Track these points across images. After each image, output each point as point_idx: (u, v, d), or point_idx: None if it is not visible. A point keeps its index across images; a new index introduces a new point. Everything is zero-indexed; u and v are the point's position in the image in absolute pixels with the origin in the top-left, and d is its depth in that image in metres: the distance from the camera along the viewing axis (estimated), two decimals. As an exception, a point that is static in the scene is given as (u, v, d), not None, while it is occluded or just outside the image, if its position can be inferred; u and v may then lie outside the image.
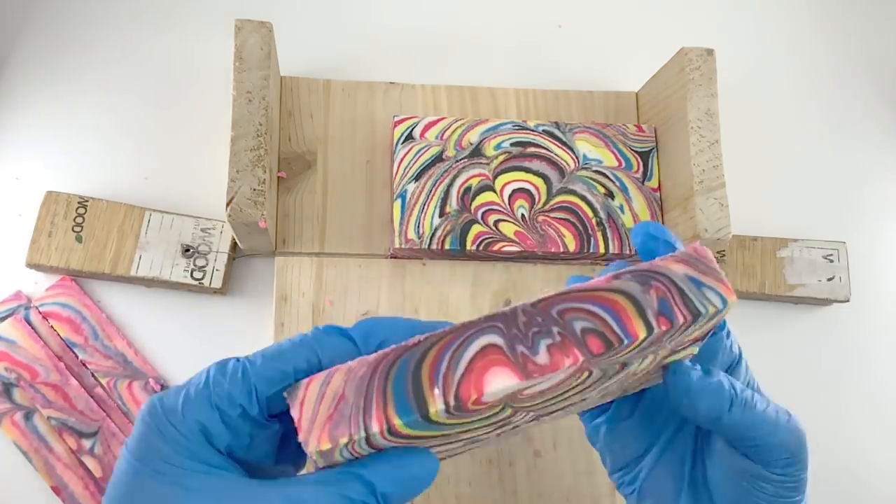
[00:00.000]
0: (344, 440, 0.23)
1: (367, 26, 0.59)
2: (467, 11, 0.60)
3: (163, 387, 0.48)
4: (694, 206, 0.47)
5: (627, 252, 0.50)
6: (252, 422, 0.25)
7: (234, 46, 0.46)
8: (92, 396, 0.47)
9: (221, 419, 0.25)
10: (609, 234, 0.50)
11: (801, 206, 0.59)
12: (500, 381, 0.22)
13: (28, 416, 0.46)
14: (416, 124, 0.51)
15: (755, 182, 0.58)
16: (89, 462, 0.46)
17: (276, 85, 0.50)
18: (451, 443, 0.27)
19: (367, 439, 0.23)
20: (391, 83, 0.55)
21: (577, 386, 0.26)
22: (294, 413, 0.24)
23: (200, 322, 0.50)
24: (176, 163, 0.53)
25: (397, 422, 0.22)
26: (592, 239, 0.50)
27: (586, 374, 0.25)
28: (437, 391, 0.22)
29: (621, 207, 0.51)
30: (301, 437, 0.23)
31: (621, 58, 0.60)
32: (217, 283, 0.49)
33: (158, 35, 0.56)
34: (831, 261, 0.54)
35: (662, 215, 0.51)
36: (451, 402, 0.22)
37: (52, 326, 0.48)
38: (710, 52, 0.49)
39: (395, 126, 0.51)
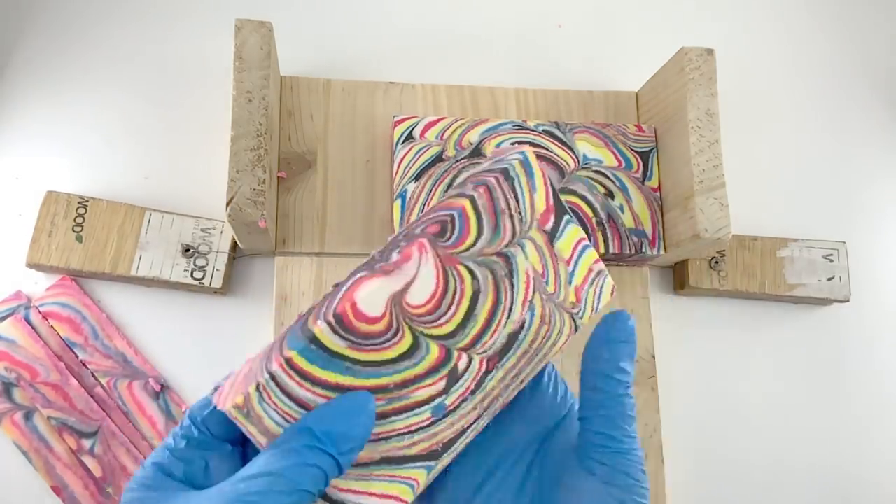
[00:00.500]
0: (252, 387, 0.25)
1: (367, 26, 0.59)
2: (467, 11, 0.60)
3: (163, 386, 0.48)
4: (694, 205, 0.47)
5: (627, 252, 0.50)
6: (200, 446, 0.27)
7: (234, 46, 0.46)
8: (92, 396, 0.47)
9: (171, 454, 0.27)
10: (609, 234, 0.50)
11: (800, 206, 0.59)
12: (365, 288, 0.24)
13: (28, 415, 0.46)
14: (417, 124, 0.51)
15: (755, 182, 0.58)
16: (89, 462, 0.46)
17: (276, 85, 0.50)
18: (402, 400, 0.27)
19: (275, 381, 0.25)
20: (391, 83, 0.55)
21: (483, 305, 0.27)
22: (217, 402, 0.26)
23: (200, 322, 0.50)
24: (176, 163, 0.53)
25: (291, 353, 0.24)
26: (592, 239, 0.50)
27: (468, 276, 0.27)
28: (319, 321, 0.24)
29: (621, 207, 0.51)
30: (219, 407, 0.26)
31: (621, 58, 0.60)
32: (217, 283, 0.49)
33: (158, 35, 0.56)
34: (831, 261, 0.54)
35: (662, 215, 0.51)
36: (332, 320, 0.24)
37: (52, 326, 0.48)
38: (710, 52, 0.49)
39: (395, 126, 0.51)
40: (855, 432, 0.55)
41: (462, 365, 0.27)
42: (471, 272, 0.27)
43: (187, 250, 0.49)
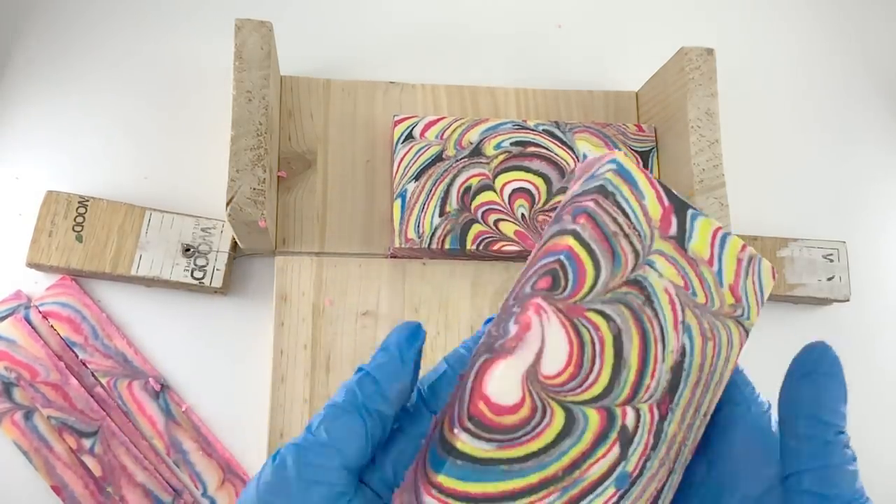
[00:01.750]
0: None
1: (367, 26, 0.59)
2: (467, 11, 0.60)
3: (163, 386, 0.48)
4: (694, 205, 0.47)
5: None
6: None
7: (234, 46, 0.46)
8: (92, 396, 0.47)
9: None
10: (609, 234, 0.50)
11: (800, 206, 0.59)
12: (492, 375, 0.22)
13: (28, 415, 0.46)
14: (416, 124, 0.51)
15: (755, 182, 0.58)
16: (89, 461, 0.46)
17: (276, 84, 0.50)
18: (578, 485, 0.23)
19: None
20: (391, 83, 0.55)
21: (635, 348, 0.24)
22: None
23: (201, 321, 0.50)
24: (176, 162, 0.53)
25: (439, 478, 0.22)
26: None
27: (604, 322, 0.23)
28: (456, 429, 0.22)
29: (621, 207, 0.51)
30: None
31: (621, 58, 0.60)
32: (217, 283, 0.49)
33: (158, 35, 0.56)
34: (831, 260, 0.54)
35: (662, 215, 0.51)
36: (470, 426, 0.21)
37: (52, 326, 0.48)
38: (710, 51, 0.49)
39: (395, 125, 0.51)
40: (854, 431, 0.55)
41: (630, 421, 0.24)
42: (604, 315, 0.23)
43: (187, 250, 0.49)
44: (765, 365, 0.56)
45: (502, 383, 0.22)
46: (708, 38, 0.53)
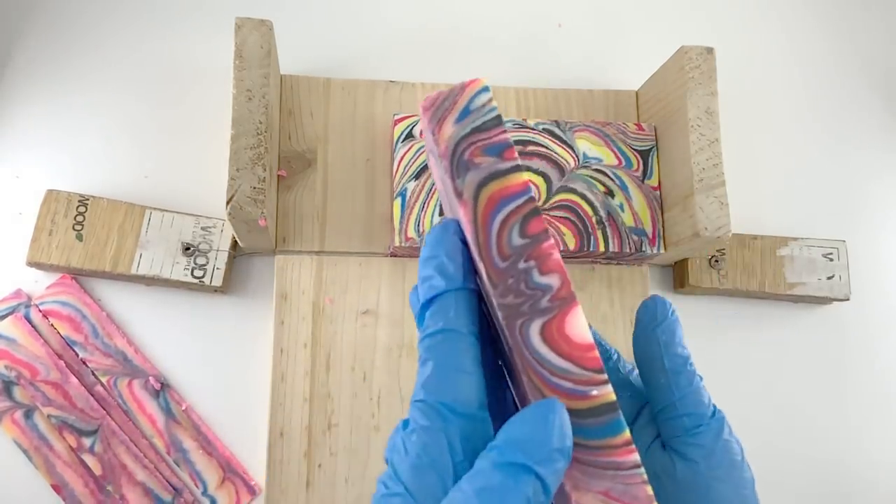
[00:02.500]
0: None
1: (367, 25, 0.59)
2: (467, 10, 0.60)
3: (163, 385, 0.48)
4: (694, 204, 0.47)
5: (627, 250, 0.50)
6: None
7: (234, 45, 0.46)
8: (92, 395, 0.47)
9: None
10: (609, 233, 0.50)
11: (800, 205, 0.59)
12: (575, 324, 0.24)
13: (28, 414, 0.46)
14: (417, 123, 0.51)
15: (755, 181, 0.58)
16: (89, 460, 0.46)
17: (276, 83, 0.50)
18: None
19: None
20: (391, 81, 0.55)
21: None
22: None
23: (201, 320, 0.50)
24: (176, 161, 0.53)
25: (605, 441, 0.24)
26: (592, 237, 0.50)
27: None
28: (594, 390, 0.24)
29: (621, 206, 0.51)
30: None
31: (621, 56, 0.60)
32: (217, 282, 0.49)
33: (158, 34, 0.56)
34: (831, 259, 0.54)
35: (662, 214, 0.51)
36: (599, 378, 0.24)
37: (52, 325, 0.48)
38: (709, 50, 0.49)
39: (396, 124, 0.51)
40: (855, 431, 0.55)
41: None
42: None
43: (187, 249, 0.49)
44: (765, 363, 0.56)
45: (585, 324, 0.24)
46: (708, 38, 0.53)
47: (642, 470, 0.23)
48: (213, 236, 0.50)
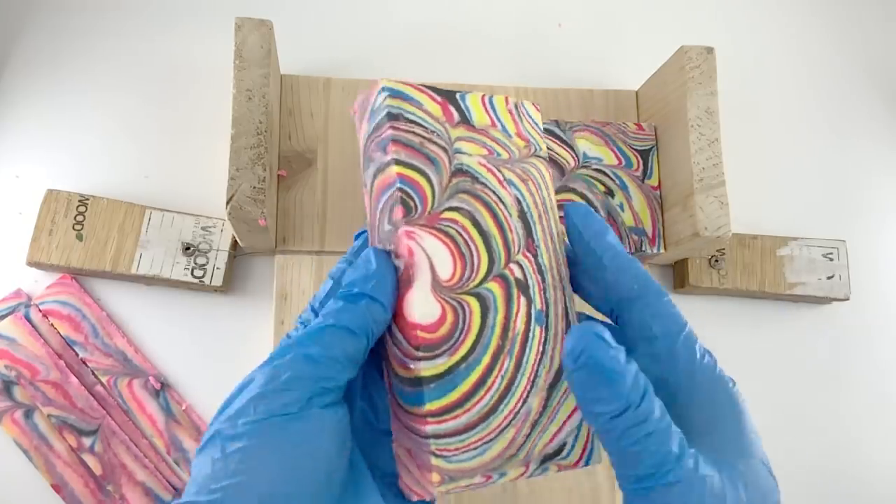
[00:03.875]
0: (434, 472, 0.26)
1: (367, 25, 0.59)
2: (467, 10, 0.60)
3: (163, 384, 0.48)
4: (694, 204, 0.47)
5: (627, 250, 0.50)
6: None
7: (234, 45, 0.46)
8: (92, 394, 0.47)
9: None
10: (609, 233, 0.50)
11: (800, 205, 0.59)
12: (412, 304, 0.26)
13: (28, 413, 0.46)
14: (417, 123, 0.51)
15: (755, 180, 0.58)
16: (89, 460, 0.46)
17: (276, 83, 0.50)
18: (516, 342, 0.28)
19: (440, 437, 0.26)
20: (391, 82, 0.55)
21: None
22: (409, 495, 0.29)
23: (201, 320, 0.50)
24: (176, 161, 0.53)
25: (423, 408, 0.26)
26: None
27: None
28: (411, 362, 0.26)
29: (621, 205, 0.51)
30: (426, 497, 0.28)
31: (621, 56, 0.60)
32: (217, 282, 0.49)
33: (158, 33, 0.56)
34: (831, 259, 0.55)
35: (662, 213, 0.51)
36: (419, 354, 0.26)
37: (52, 324, 0.48)
38: (710, 50, 0.49)
39: (396, 124, 0.51)
40: (854, 431, 0.55)
41: (518, 273, 0.29)
42: (454, 209, 0.28)
43: (188, 248, 0.49)
44: (765, 363, 0.56)
45: (422, 307, 0.26)
46: (708, 37, 0.53)
47: (433, 442, 0.25)
48: (214, 236, 0.50)
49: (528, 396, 0.28)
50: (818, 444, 0.54)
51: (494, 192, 0.29)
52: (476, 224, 0.28)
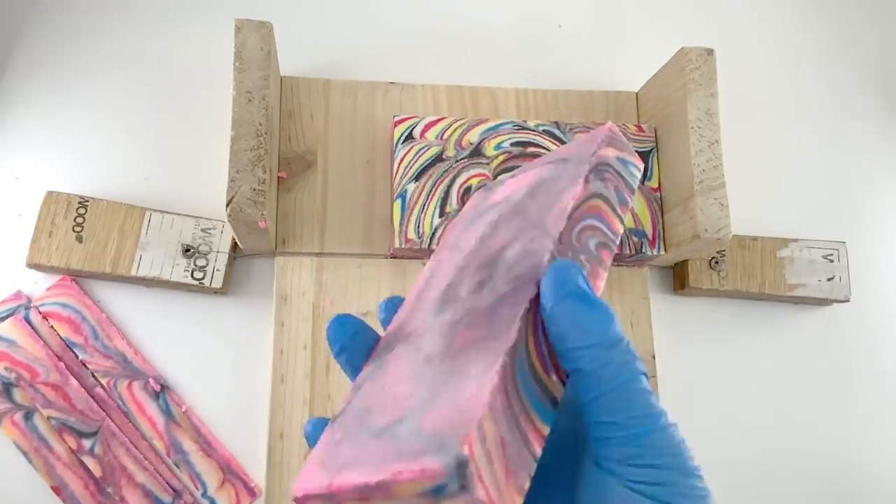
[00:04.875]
0: (526, 483, 0.21)
1: (367, 26, 0.59)
2: (467, 11, 0.60)
3: (163, 386, 0.48)
4: (694, 205, 0.47)
5: (627, 252, 0.50)
6: None
7: (234, 46, 0.46)
8: (92, 396, 0.47)
9: None
10: (609, 234, 0.50)
11: (801, 206, 0.59)
12: None
13: (28, 415, 0.46)
14: (416, 124, 0.51)
15: (755, 182, 0.58)
16: (89, 462, 0.46)
17: (276, 85, 0.50)
18: None
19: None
20: (391, 83, 0.55)
21: None
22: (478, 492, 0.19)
23: (201, 322, 0.50)
24: (176, 163, 0.53)
25: (547, 430, 0.22)
26: (592, 239, 0.50)
27: None
28: (553, 377, 0.22)
29: (621, 207, 0.51)
30: None
31: (621, 58, 0.60)
32: (217, 283, 0.49)
33: (158, 35, 0.56)
34: (831, 261, 0.54)
35: (662, 215, 0.51)
36: (562, 377, 0.22)
37: (52, 326, 0.48)
38: (710, 51, 0.49)
39: (395, 126, 0.51)
40: (855, 432, 0.55)
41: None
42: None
43: (187, 250, 0.49)
44: (765, 365, 0.56)
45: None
46: (708, 39, 0.53)
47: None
48: (213, 238, 0.49)
49: None
50: (818, 446, 0.54)
51: None
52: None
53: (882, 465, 0.54)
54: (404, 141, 0.51)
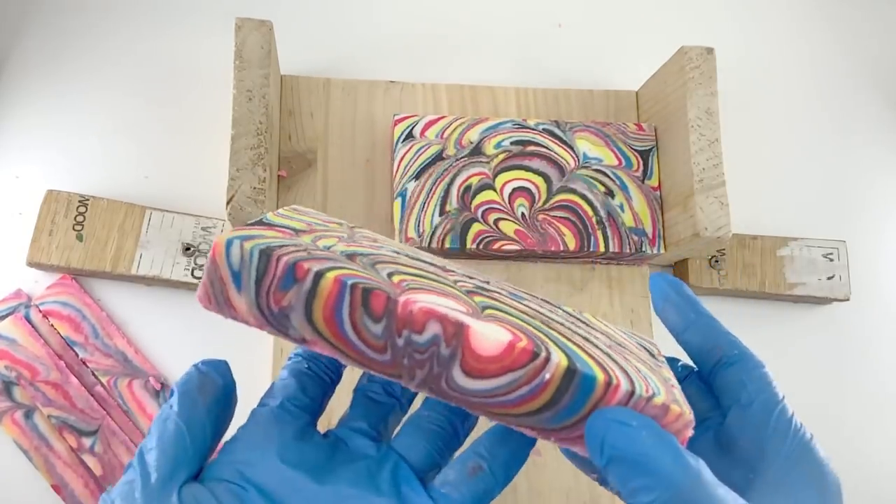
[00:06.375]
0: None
1: (367, 25, 0.59)
2: (467, 10, 0.60)
3: (163, 385, 0.48)
4: (694, 204, 0.47)
5: (627, 250, 0.50)
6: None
7: (234, 45, 0.46)
8: (92, 395, 0.47)
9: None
10: (609, 233, 0.50)
11: (800, 205, 0.59)
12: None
13: (28, 414, 0.46)
14: (417, 123, 0.51)
15: (755, 181, 0.58)
16: (89, 460, 0.46)
17: (276, 84, 0.50)
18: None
19: None
20: (391, 82, 0.55)
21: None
22: None
23: (201, 321, 0.50)
24: (176, 161, 0.53)
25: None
26: (592, 237, 0.50)
27: None
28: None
29: (621, 206, 0.51)
30: None
31: (621, 57, 0.60)
32: (217, 282, 0.49)
33: (159, 34, 0.56)
34: (831, 259, 0.54)
35: (662, 214, 0.51)
36: None
37: (52, 325, 0.48)
38: (709, 50, 0.49)
39: (396, 125, 0.51)
40: (855, 431, 0.55)
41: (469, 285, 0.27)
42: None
43: (188, 249, 0.49)
44: (765, 364, 0.56)
45: (489, 339, 0.24)
46: (708, 38, 0.53)
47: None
48: (213, 237, 0.50)
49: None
50: (818, 444, 0.54)
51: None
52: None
53: (882, 465, 0.54)
54: (404, 140, 0.51)
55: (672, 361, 0.32)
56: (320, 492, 0.24)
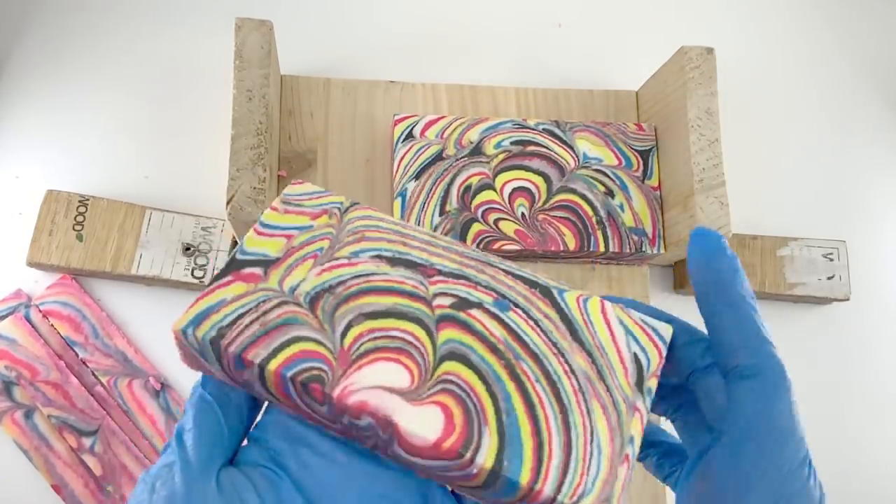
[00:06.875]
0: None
1: (367, 25, 0.59)
2: (468, 10, 0.60)
3: (163, 385, 0.48)
4: (694, 204, 0.47)
5: (627, 250, 0.50)
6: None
7: (234, 45, 0.46)
8: (92, 395, 0.47)
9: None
10: (609, 233, 0.50)
11: (801, 205, 0.59)
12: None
13: (28, 414, 0.46)
14: (417, 123, 0.51)
15: (755, 181, 0.58)
16: (89, 460, 0.46)
17: (276, 83, 0.50)
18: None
19: None
20: (391, 82, 0.55)
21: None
22: None
23: (201, 320, 0.50)
24: (176, 161, 0.53)
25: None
26: (592, 237, 0.50)
27: None
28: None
29: (621, 206, 0.51)
30: None
31: (621, 57, 0.60)
32: (217, 282, 0.49)
33: (158, 34, 0.56)
34: (831, 259, 0.55)
35: (662, 214, 0.51)
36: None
37: (52, 325, 0.48)
38: (709, 50, 0.49)
39: (396, 125, 0.51)
40: (855, 431, 0.55)
41: (439, 302, 0.26)
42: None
43: (188, 249, 0.49)
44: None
45: (422, 425, 0.23)
46: (708, 38, 0.53)
47: (562, 498, 0.22)
48: (214, 236, 0.50)
49: (573, 372, 0.24)
50: (818, 445, 0.54)
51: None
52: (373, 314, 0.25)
53: (882, 465, 0.54)
54: (404, 140, 0.51)
55: (689, 346, 0.29)
56: (351, 476, 0.25)
